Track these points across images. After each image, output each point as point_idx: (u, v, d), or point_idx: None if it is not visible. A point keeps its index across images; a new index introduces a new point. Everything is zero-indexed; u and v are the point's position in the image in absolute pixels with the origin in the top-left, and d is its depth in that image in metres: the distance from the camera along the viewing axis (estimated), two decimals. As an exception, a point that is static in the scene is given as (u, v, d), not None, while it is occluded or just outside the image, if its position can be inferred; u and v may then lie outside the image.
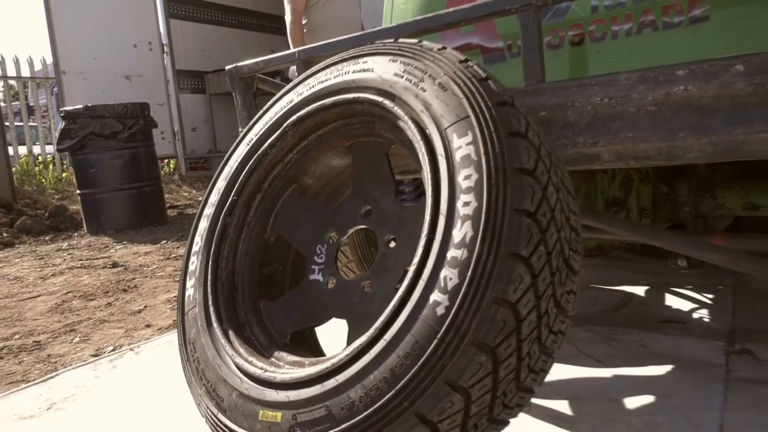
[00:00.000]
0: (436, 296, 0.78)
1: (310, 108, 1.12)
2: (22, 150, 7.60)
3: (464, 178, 0.83)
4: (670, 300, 1.98)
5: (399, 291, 0.82)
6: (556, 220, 0.83)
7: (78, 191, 5.02)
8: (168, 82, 6.58)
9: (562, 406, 1.28)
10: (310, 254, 1.14)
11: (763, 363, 1.44)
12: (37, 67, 7.72)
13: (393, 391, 0.77)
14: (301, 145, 1.16)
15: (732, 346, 1.54)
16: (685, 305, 1.92)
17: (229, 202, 1.17)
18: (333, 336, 1.22)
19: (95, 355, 2.00)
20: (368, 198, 1.10)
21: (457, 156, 0.85)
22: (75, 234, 4.94)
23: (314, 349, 1.15)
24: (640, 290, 2.10)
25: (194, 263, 1.16)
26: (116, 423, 1.46)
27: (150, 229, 4.87)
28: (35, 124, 8.35)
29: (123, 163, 4.88)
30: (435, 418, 0.76)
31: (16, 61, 7.33)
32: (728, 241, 1.37)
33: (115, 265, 3.52)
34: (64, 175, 7.20)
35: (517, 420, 0.94)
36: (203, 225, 1.18)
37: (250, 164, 1.17)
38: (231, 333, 1.05)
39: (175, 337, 1.24)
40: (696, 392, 1.30)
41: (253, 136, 1.20)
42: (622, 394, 1.32)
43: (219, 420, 0.96)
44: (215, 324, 1.06)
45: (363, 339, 0.83)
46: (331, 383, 0.83)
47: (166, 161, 7.94)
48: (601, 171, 1.67)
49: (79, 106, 4.83)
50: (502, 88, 0.91)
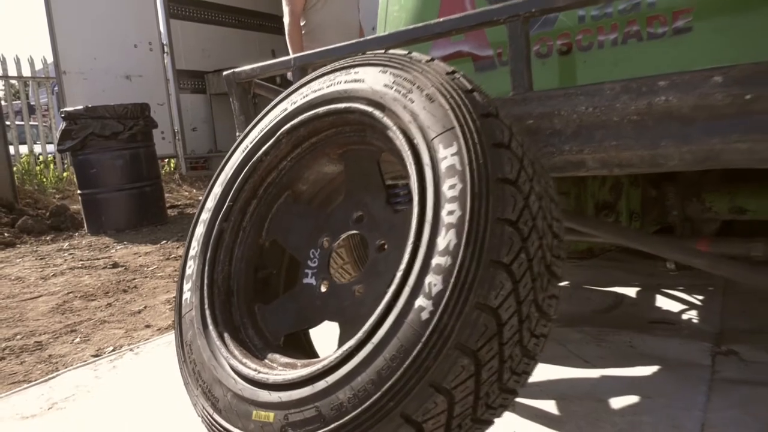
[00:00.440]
0: (421, 302, 0.81)
1: (303, 117, 1.16)
2: (23, 149, 7.64)
3: (449, 187, 0.86)
4: (660, 301, 2.01)
5: (386, 296, 0.85)
6: (537, 227, 0.86)
7: (79, 191, 5.05)
8: (168, 82, 6.62)
9: (550, 406, 1.31)
10: (304, 259, 1.17)
11: (747, 364, 1.47)
12: (38, 67, 7.76)
13: (379, 393, 0.80)
14: (295, 152, 1.20)
15: (718, 347, 1.57)
16: (675, 306, 1.95)
17: (225, 208, 1.20)
18: (329, 338, 1.25)
19: (96, 356, 2.04)
20: (360, 204, 1.13)
21: (443, 166, 0.88)
22: (76, 234, 4.97)
23: (308, 351, 1.18)
24: (631, 291, 2.13)
25: (191, 267, 1.19)
26: (116, 422, 1.49)
27: (150, 229, 4.90)
28: (36, 123, 8.38)
29: (123, 163, 4.91)
30: (420, 418, 0.79)
31: (17, 61, 7.36)
32: (713, 245, 1.40)
33: (115, 265, 3.56)
34: (65, 174, 7.23)
35: (505, 419, 0.97)
36: (200, 230, 1.21)
37: (245, 171, 1.21)
38: (226, 335, 1.08)
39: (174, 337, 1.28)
40: (681, 393, 1.33)
41: (249, 143, 1.23)
42: (609, 394, 1.35)
43: (214, 420, 1.00)
44: (211, 327, 1.09)
45: (352, 342, 0.86)
46: (321, 385, 0.87)
47: (166, 161, 7.98)
48: (591, 175, 1.70)
49: (80, 107, 4.86)
50: (487, 100, 0.94)
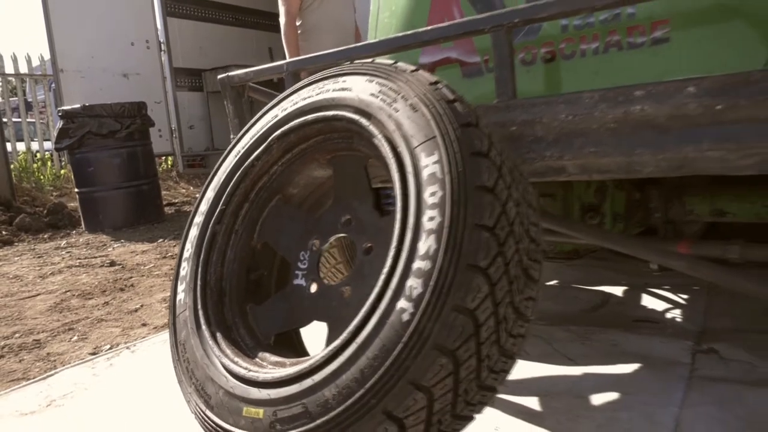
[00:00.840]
0: (402, 304, 0.85)
1: (293, 123, 1.19)
2: (20, 146, 7.66)
3: (430, 194, 0.90)
4: (646, 300, 2.05)
5: (370, 298, 0.90)
6: (514, 233, 0.90)
7: (76, 189, 5.08)
8: (165, 79, 6.63)
9: (532, 403, 1.36)
10: (294, 260, 1.22)
11: (727, 362, 1.51)
12: (35, 64, 7.77)
13: (362, 390, 0.84)
14: (286, 157, 1.24)
15: (699, 346, 1.62)
16: (660, 305, 1.99)
17: (217, 212, 1.24)
18: (321, 337, 1.29)
19: (93, 354, 2.08)
20: (348, 208, 1.17)
21: (425, 174, 0.92)
22: (73, 232, 5.00)
23: (299, 350, 1.22)
24: (618, 290, 2.18)
25: (185, 269, 1.23)
26: (113, 419, 1.53)
27: (147, 227, 4.94)
28: (33, 120, 8.40)
29: (121, 161, 4.94)
30: (401, 414, 0.84)
31: (14, 58, 7.38)
32: (693, 247, 1.44)
33: (112, 263, 3.60)
34: (62, 171, 7.26)
35: (487, 415, 1.01)
36: (193, 233, 1.25)
37: (237, 175, 1.25)
38: (219, 335, 1.12)
39: (169, 336, 1.33)
40: (659, 389, 1.37)
41: (241, 148, 1.27)
42: (589, 391, 1.39)
43: (207, 416, 1.04)
44: (204, 326, 1.13)
45: (337, 342, 0.90)
46: (308, 382, 0.91)
47: (163, 158, 8.00)
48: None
49: (77, 106, 4.89)
50: (468, 110, 0.98)
